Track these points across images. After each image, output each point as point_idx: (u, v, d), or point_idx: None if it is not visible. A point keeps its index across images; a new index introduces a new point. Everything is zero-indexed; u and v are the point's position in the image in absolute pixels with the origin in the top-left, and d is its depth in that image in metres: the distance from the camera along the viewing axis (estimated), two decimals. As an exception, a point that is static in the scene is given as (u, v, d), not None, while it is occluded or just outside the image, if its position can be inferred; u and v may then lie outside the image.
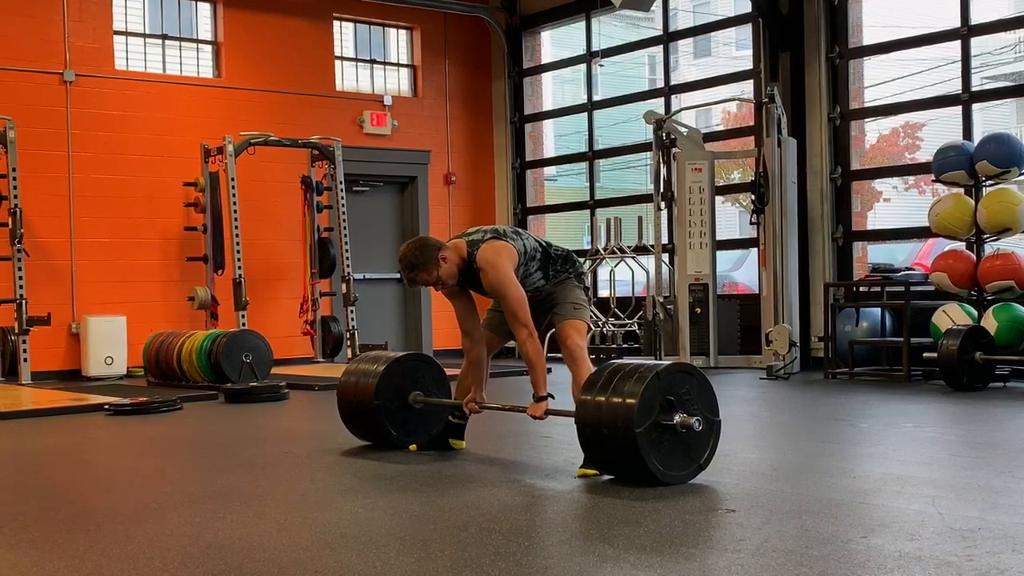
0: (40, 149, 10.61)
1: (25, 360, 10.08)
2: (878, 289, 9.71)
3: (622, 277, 11.61)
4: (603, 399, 4.49)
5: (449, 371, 5.89)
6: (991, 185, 8.91)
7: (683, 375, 4.57)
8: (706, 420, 4.51)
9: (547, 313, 5.21)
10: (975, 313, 8.84)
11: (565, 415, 4.99)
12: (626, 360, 4.79)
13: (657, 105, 11.99)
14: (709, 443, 4.58)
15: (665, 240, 11.18)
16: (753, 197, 10.03)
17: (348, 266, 11.64)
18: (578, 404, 4.66)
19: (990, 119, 11.97)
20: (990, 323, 8.53)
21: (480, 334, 5.30)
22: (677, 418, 4.42)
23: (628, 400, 4.39)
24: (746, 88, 11.66)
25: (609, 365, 4.69)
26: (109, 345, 10.64)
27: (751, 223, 10.38)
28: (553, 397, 5.13)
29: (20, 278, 10.09)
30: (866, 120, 11.05)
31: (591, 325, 5.50)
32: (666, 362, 4.71)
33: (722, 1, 18.99)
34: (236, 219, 10.94)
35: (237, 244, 10.92)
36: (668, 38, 12.38)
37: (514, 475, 4.93)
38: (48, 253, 10.68)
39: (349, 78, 12.89)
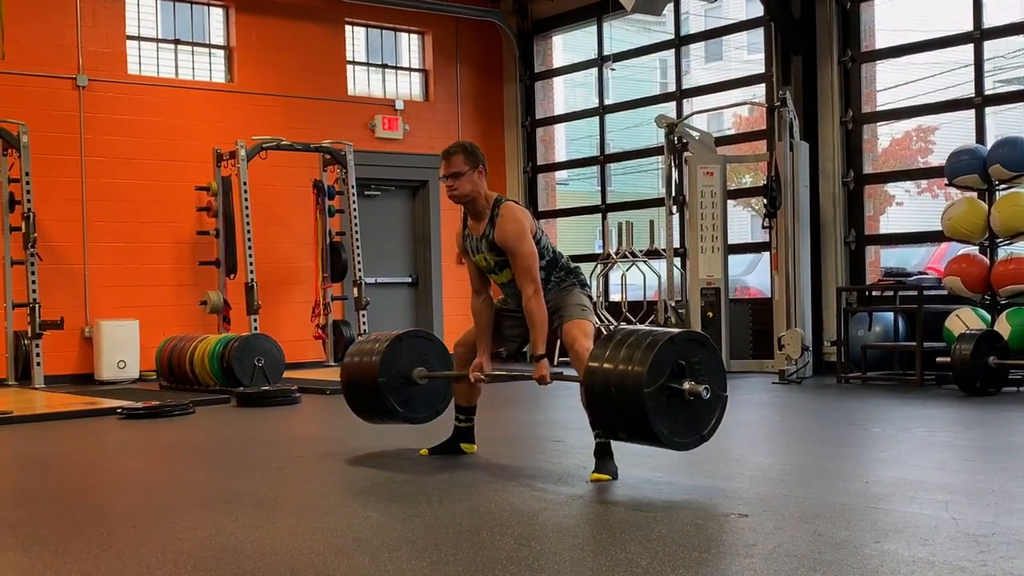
0: (53, 153, 10.65)
1: (38, 364, 10.11)
2: (891, 293, 9.68)
3: (634, 281, 11.60)
4: (614, 359, 4.43)
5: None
6: (1004, 189, 8.88)
7: (696, 344, 4.51)
8: (714, 392, 4.46)
9: (551, 319, 5.17)
10: (988, 317, 8.81)
11: (573, 380, 4.96)
12: (638, 326, 4.76)
13: (669, 109, 11.99)
14: (715, 415, 4.50)
15: (677, 244, 11.16)
16: (765, 201, 10.01)
17: (360, 270, 11.66)
18: (588, 362, 4.62)
19: (1003, 123, 11.92)
20: (1004, 327, 8.49)
21: (489, 296, 5.29)
22: (687, 385, 4.36)
23: (640, 361, 4.34)
24: (758, 92, 11.64)
25: (622, 328, 4.67)
26: (122, 349, 10.68)
27: (763, 227, 10.36)
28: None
29: (33, 282, 10.13)
30: (878, 124, 11.02)
31: (600, 328, 5.46)
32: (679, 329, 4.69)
33: (734, 5, 18.97)
34: (248, 223, 10.97)
35: (249, 248, 10.95)
36: (680, 42, 12.38)
37: (525, 479, 4.92)
38: (61, 257, 10.72)
39: (361, 82, 12.92)
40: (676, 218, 10.98)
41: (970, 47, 9.71)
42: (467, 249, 5.24)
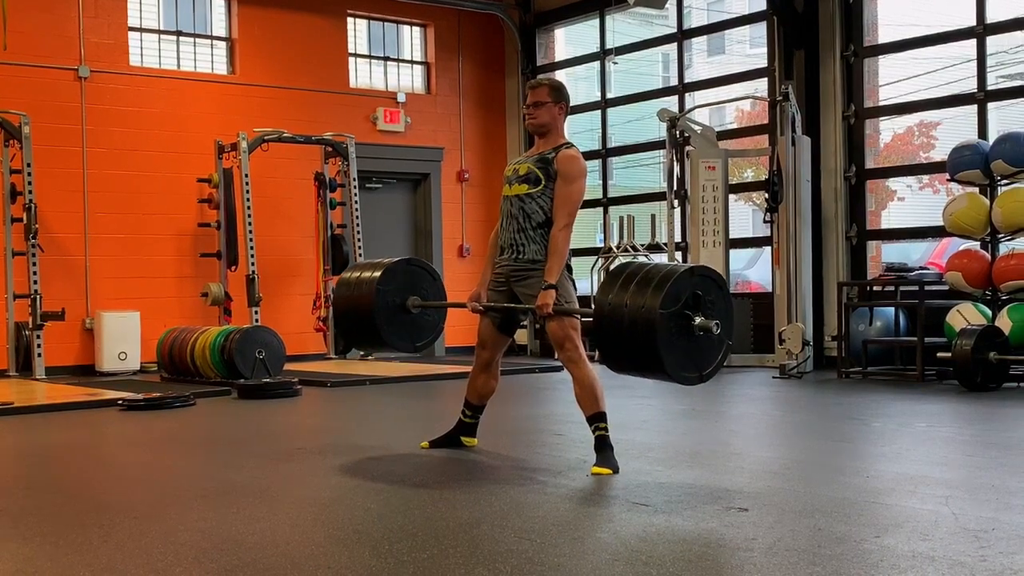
0: (55, 145, 10.65)
1: (39, 355, 10.12)
2: (892, 288, 9.68)
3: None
4: (628, 286, 4.41)
5: (459, 368, 5.84)
6: (1006, 184, 8.88)
7: (713, 282, 4.50)
8: (722, 331, 4.43)
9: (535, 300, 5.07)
10: (989, 313, 8.81)
11: (578, 313, 4.93)
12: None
13: (671, 103, 11.97)
14: (717, 357, 4.50)
15: (678, 238, 11.17)
16: (767, 195, 10.01)
17: (361, 263, 11.65)
18: (602, 285, 4.59)
19: (1005, 118, 11.87)
20: (1004, 323, 8.49)
21: None
22: (698, 319, 4.35)
23: (657, 286, 4.33)
24: (760, 86, 11.63)
25: (635, 262, 4.65)
26: (123, 340, 10.69)
27: (765, 221, 10.36)
28: (557, 288, 4.99)
29: (35, 273, 10.14)
30: (881, 119, 11.01)
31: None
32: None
33: (736, -1, 18.93)
34: (250, 215, 10.97)
35: (250, 240, 10.95)
36: (682, 36, 12.37)
37: (526, 472, 4.92)
38: (63, 248, 10.72)
39: (363, 75, 12.91)
40: (677, 212, 10.98)
41: (973, 42, 9.71)
42: (508, 170, 5.29)
